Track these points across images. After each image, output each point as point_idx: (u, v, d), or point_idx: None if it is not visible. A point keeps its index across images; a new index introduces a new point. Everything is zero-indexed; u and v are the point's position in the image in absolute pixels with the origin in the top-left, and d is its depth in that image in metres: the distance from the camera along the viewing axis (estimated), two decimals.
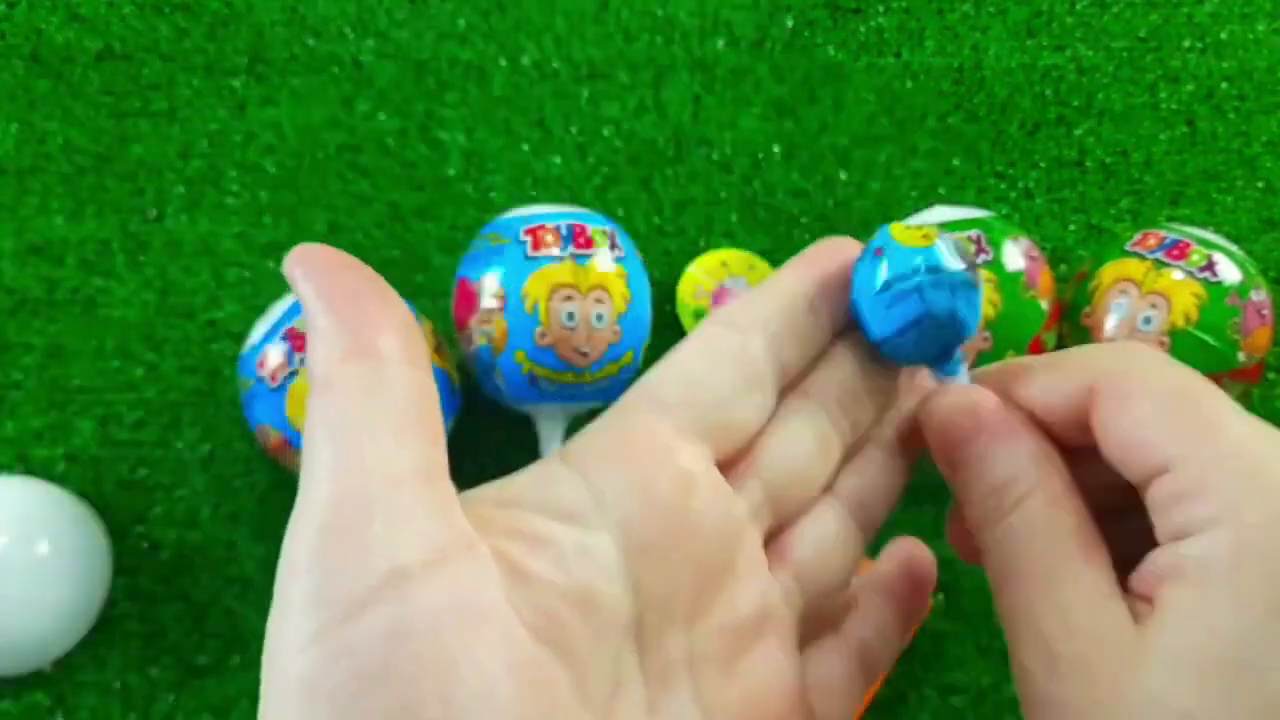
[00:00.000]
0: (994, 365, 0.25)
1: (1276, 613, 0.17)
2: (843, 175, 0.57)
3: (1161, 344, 0.46)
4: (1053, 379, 0.22)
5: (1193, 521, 0.19)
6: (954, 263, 0.22)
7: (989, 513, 0.22)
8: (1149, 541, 0.20)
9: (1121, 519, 0.22)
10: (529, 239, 0.46)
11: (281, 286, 0.54)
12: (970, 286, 0.22)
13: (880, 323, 0.22)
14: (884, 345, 0.23)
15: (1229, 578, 0.18)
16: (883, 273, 0.22)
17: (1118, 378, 0.21)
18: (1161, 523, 0.19)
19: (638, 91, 0.58)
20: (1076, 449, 0.22)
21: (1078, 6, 0.60)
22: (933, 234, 0.22)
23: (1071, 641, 0.19)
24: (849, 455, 0.25)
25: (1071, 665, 0.19)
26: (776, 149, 0.57)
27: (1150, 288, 0.47)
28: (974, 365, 0.49)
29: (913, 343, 0.23)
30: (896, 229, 0.23)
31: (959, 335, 0.23)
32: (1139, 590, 0.20)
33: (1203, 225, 0.56)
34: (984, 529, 0.22)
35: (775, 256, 0.56)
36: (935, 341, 0.23)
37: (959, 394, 0.23)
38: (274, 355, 0.45)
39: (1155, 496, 0.20)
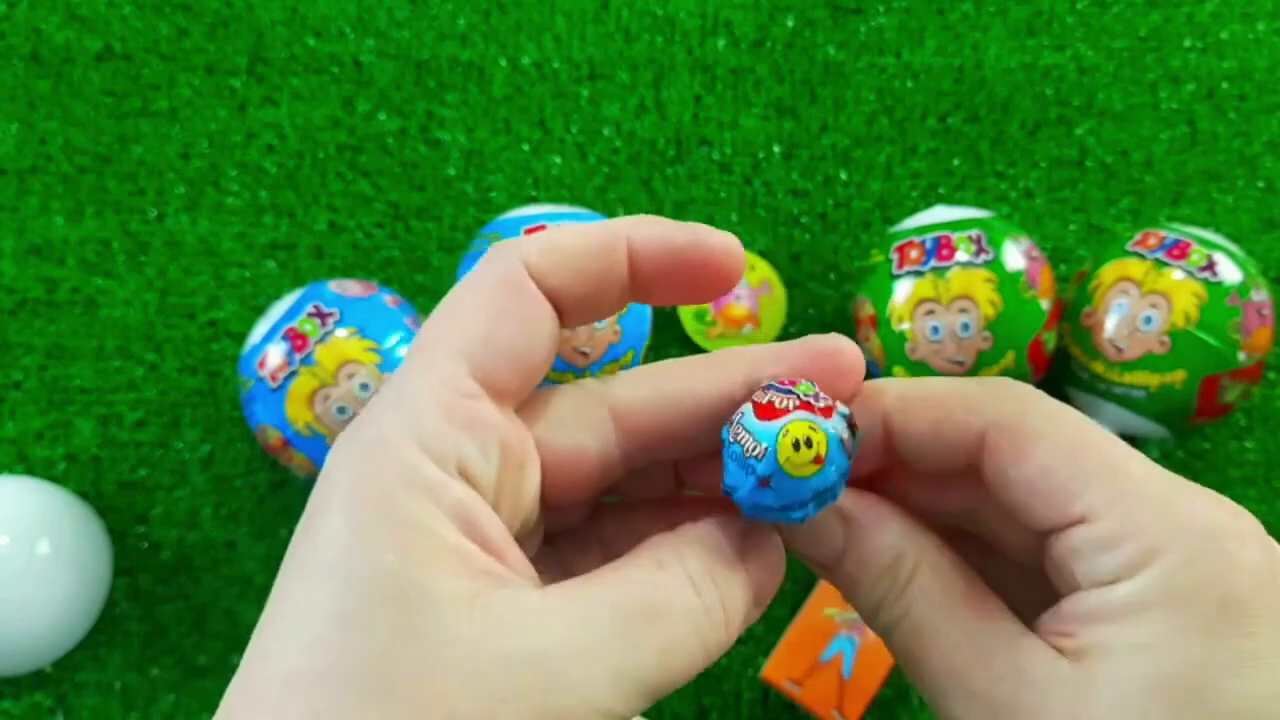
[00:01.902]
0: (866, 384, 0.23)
1: (1213, 634, 0.18)
2: (843, 175, 0.57)
3: (1162, 344, 0.46)
4: (940, 420, 0.22)
5: (1123, 567, 0.19)
6: (841, 473, 0.21)
7: (885, 594, 0.22)
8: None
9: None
10: None
11: (281, 286, 0.54)
12: (845, 479, 0.21)
13: (750, 507, 0.21)
14: (744, 508, 0.22)
15: (1166, 614, 0.18)
16: (769, 498, 0.21)
17: (1014, 423, 0.21)
18: (1083, 569, 0.20)
19: (638, 91, 0.58)
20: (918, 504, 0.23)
21: (1078, 6, 0.60)
22: (822, 447, 0.20)
23: (1007, 689, 0.20)
24: None
25: (1014, 712, 0.20)
26: (776, 149, 0.57)
27: (1151, 287, 0.47)
28: (975, 366, 0.49)
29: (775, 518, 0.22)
30: (785, 450, 0.20)
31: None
32: (1055, 630, 0.20)
33: (1203, 225, 0.56)
34: (881, 612, 0.22)
35: (775, 256, 0.56)
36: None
37: None
38: (274, 355, 0.45)
39: (1074, 544, 0.20)
